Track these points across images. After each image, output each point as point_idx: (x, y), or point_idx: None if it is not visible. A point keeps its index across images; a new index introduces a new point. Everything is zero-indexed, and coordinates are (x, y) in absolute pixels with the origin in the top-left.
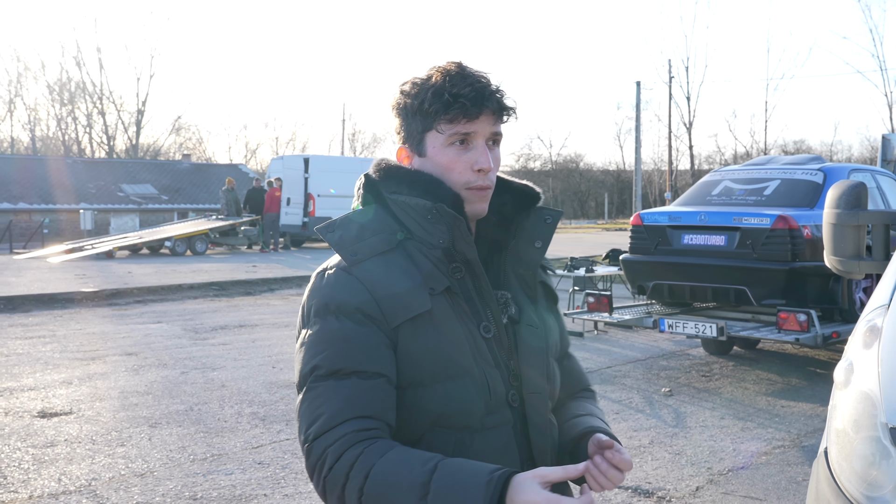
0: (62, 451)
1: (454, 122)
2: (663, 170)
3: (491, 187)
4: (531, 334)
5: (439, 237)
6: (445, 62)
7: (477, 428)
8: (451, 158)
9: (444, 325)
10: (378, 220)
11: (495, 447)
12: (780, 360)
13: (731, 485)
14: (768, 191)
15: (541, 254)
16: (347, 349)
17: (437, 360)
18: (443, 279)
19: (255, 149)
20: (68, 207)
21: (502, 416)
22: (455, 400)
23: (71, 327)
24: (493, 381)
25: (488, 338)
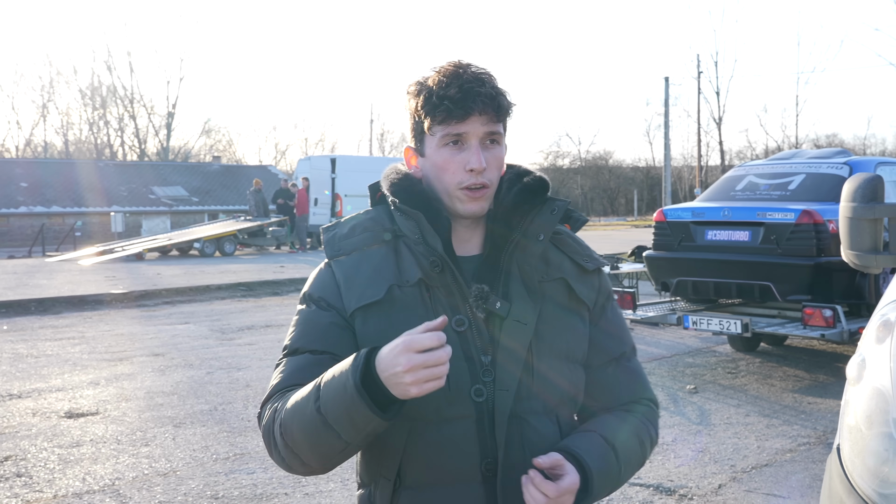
0: (87, 451)
1: (444, 123)
2: (693, 166)
3: (488, 186)
4: (516, 330)
5: (414, 233)
6: (446, 62)
7: (432, 419)
8: (444, 159)
9: (402, 314)
10: (373, 219)
11: (451, 439)
12: (808, 357)
13: (755, 482)
14: (793, 185)
15: (542, 247)
16: (307, 331)
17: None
18: (416, 272)
19: (285, 150)
20: (100, 210)
21: (463, 409)
22: None
23: (100, 328)
24: (455, 373)
25: (460, 331)
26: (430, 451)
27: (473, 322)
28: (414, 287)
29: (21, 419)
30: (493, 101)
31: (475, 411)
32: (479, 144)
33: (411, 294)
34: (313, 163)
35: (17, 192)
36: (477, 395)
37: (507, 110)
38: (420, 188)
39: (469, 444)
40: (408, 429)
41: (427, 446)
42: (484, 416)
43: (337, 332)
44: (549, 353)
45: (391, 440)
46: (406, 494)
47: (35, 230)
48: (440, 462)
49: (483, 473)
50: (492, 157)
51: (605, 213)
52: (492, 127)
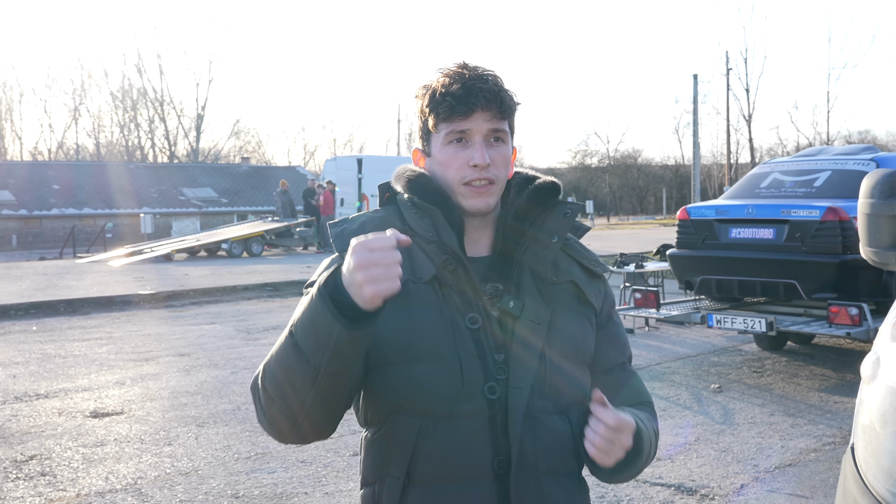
0: (111, 451)
1: (448, 120)
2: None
3: (493, 182)
4: (529, 330)
5: (427, 230)
6: (453, 63)
7: (443, 414)
8: (448, 156)
9: (417, 309)
10: (382, 219)
11: (462, 436)
12: (835, 356)
13: (777, 482)
14: (819, 182)
15: (555, 249)
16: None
17: (404, 338)
18: (430, 269)
19: (314, 151)
20: (130, 212)
21: (475, 406)
22: (419, 381)
23: (127, 329)
24: (469, 369)
25: (473, 328)
26: (441, 447)
27: (487, 320)
28: (427, 284)
29: (47, 419)
30: (496, 97)
31: (488, 409)
32: (482, 141)
33: (425, 291)
34: (340, 163)
35: (49, 194)
36: (490, 393)
37: (512, 109)
38: (436, 185)
39: (481, 442)
40: (419, 425)
41: (438, 443)
42: (497, 413)
43: None
44: (561, 353)
45: (401, 437)
46: (415, 492)
47: (67, 232)
48: (452, 459)
49: (495, 471)
50: (497, 154)
51: (633, 211)
52: (496, 124)
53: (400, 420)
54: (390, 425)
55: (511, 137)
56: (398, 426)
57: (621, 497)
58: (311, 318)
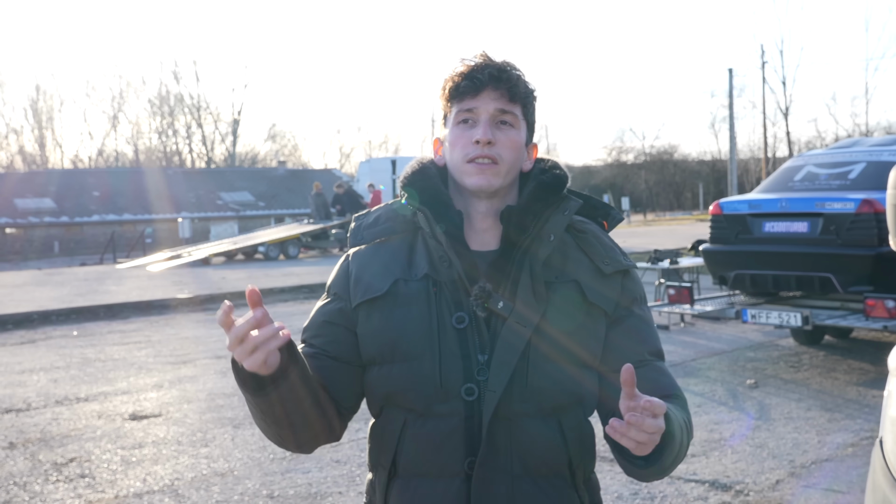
0: (149, 453)
1: (459, 99)
2: (760, 158)
3: (497, 162)
4: (513, 332)
5: (426, 225)
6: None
7: (422, 412)
8: (456, 136)
9: (402, 310)
10: (397, 209)
11: (438, 434)
12: (874, 349)
13: (814, 478)
14: (853, 174)
15: (551, 247)
16: (313, 321)
17: (384, 342)
18: (424, 266)
19: (349, 153)
20: (169, 217)
21: (452, 407)
22: (399, 380)
23: (165, 332)
24: (448, 370)
25: (460, 328)
26: (419, 443)
27: (474, 320)
28: (420, 281)
29: (87, 421)
30: (505, 75)
31: (464, 409)
32: (488, 120)
33: (416, 288)
34: (374, 165)
35: (89, 201)
36: (468, 394)
37: (525, 95)
38: (432, 182)
39: (455, 441)
40: (403, 420)
41: (417, 439)
42: (474, 414)
43: (334, 328)
44: (551, 355)
45: (389, 430)
46: (397, 484)
47: (107, 238)
48: (428, 455)
49: (466, 471)
50: (504, 136)
51: (670, 207)
52: (504, 105)
53: (390, 413)
54: (384, 418)
55: (526, 127)
56: (388, 419)
57: (655, 494)
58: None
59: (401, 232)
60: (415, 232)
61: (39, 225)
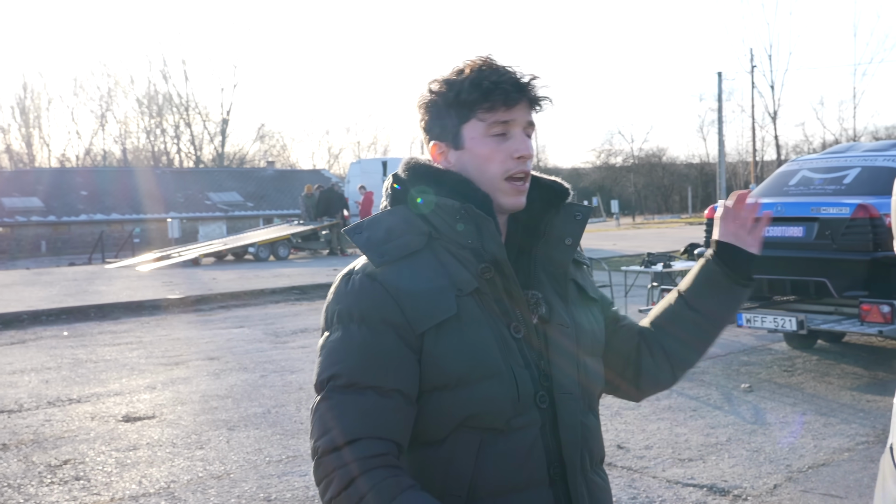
0: (144, 455)
1: (493, 110)
2: (748, 161)
3: (528, 175)
4: (562, 334)
5: (468, 237)
6: (473, 58)
7: (502, 429)
8: (490, 148)
9: (471, 327)
10: (406, 220)
11: (520, 449)
12: (867, 354)
13: (811, 482)
14: (848, 179)
15: (571, 251)
16: (367, 362)
17: (463, 363)
18: (471, 280)
19: (338, 154)
20: (157, 217)
21: (530, 418)
22: (481, 402)
23: (157, 333)
24: (522, 381)
25: (518, 338)
26: (502, 462)
27: (528, 328)
28: (469, 296)
29: (80, 423)
30: (540, 91)
31: (540, 418)
32: (523, 133)
33: (469, 304)
34: (364, 166)
35: (77, 200)
36: (541, 402)
37: (547, 100)
38: (474, 186)
39: (538, 451)
40: (478, 443)
41: (498, 458)
42: (546, 422)
43: (403, 363)
44: (587, 351)
45: (459, 459)
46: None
47: (95, 237)
48: (512, 472)
49: (550, 477)
50: (531, 148)
51: (658, 210)
52: (531, 117)
53: (460, 438)
54: (450, 443)
55: None
56: (458, 444)
57: (653, 498)
58: None
59: (422, 245)
60: (430, 243)
61: (27, 224)
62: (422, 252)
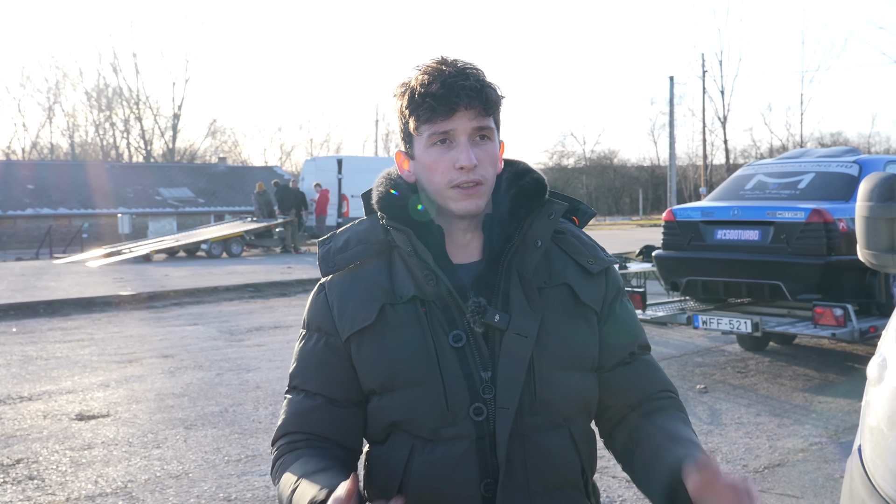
0: (99, 454)
1: (430, 121)
2: (698, 165)
3: (482, 183)
4: (515, 344)
5: (406, 245)
6: (430, 59)
7: (430, 438)
8: (433, 159)
9: (396, 335)
10: (366, 230)
11: (447, 460)
12: (817, 356)
13: (767, 482)
14: (802, 184)
15: (539, 253)
16: (303, 367)
17: (383, 370)
18: (410, 287)
19: (290, 151)
20: (107, 212)
21: (461, 429)
22: (403, 410)
23: (109, 330)
24: (453, 392)
25: (458, 347)
26: (428, 471)
27: (471, 337)
28: (408, 304)
29: (32, 421)
30: (480, 94)
31: (475, 430)
32: (468, 141)
33: (405, 311)
34: (319, 164)
35: (23, 194)
36: (476, 414)
37: (496, 104)
38: (402, 203)
39: (468, 465)
40: (409, 448)
41: (426, 467)
42: (484, 435)
43: (330, 370)
44: (555, 364)
45: (395, 458)
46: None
47: (42, 232)
48: (439, 483)
49: (482, 494)
50: (483, 153)
51: (610, 212)
52: (480, 122)
53: (396, 440)
54: (388, 446)
55: (497, 132)
56: (392, 447)
57: (614, 498)
58: None
59: (375, 254)
60: (388, 252)
61: None
62: (375, 260)
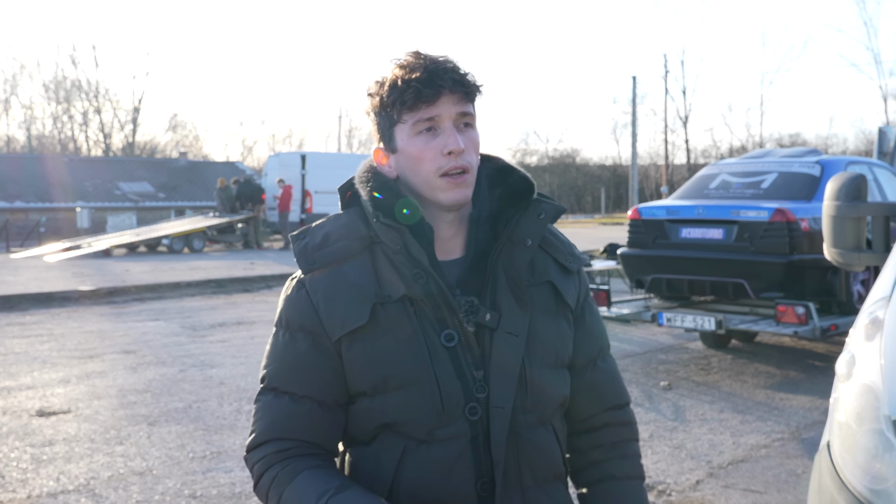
0: (60, 451)
1: (414, 109)
2: (659, 164)
3: (469, 169)
4: (507, 343)
5: (396, 242)
6: (404, 53)
7: (425, 439)
8: (419, 147)
9: (388, 336)
10: (346, 225)
11: (443, 460)
12: (778, 353)
13: (732, 478)
14: (766, 184)
15: (529, 253)
16: (287, 368)
17: (376, 372)
18: (399, 286)
19: (252, 146)
20: (65, 206)
21: (456, 430)
22: (397, 411)
23: (69, 326)
24: (448, 392)
25: (450, 347)
26: (423, 472)
27: (463, 336)
28: (398, 303)
29: None
30: (462, 78)
31: (470, 430)
32: (453, 126)
33: (395, 311)
34: (282, 159)
35: None
36: (471, 414)
37: (477, 89)
38: (396, 190)
39: (464, 464)
40: (401, 449)
41: (420, 467)
42: (479, 434)
43: (319, 371)
44: (542, 362)
45: (385, 458)
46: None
47: None
48: (434, 483)
49: (478, 493)
50: (468, 139)
51: (572, 210)
52: (464, 107)
53: (386, 441)
54: (377, 445)
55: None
56: (382, 448)
57: None
58: None
59: (357, 251)
60: (370, 247)
61: None
62: (358, 257)
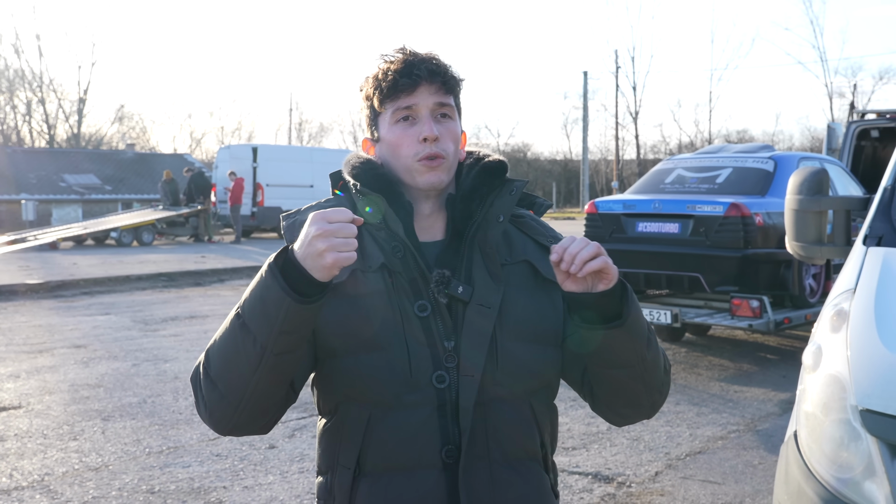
0: (12, 446)
1: (393, 98)
2: (610, 159)
3: (444, 157)
4: (479, 314)
5: (374, 218)
6: (392, 49)
7: (391, 405)
8: (397, 135)
9: (365, 300)
10: (335, 206)
11: (408, 426)
12: (731, 347)
13: (690, 469)
14: (720, 179)
15: (501, 228)
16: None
17: (349, 331)
18: (379, 256)
19: (200, 138)
20: (8, 198)
21: (423, 396)
22: (367, 372)
23: (16, 320)
24: (417, 359)
25: (423, 316)
26: (389, 437)
27: (436, 307)
28: (376, 272)
29: None
30: (440, 68)
31: (437, 398)
32: (430, 115)
33: (374, 279)
34: (233, 152)
35: None
36: (439, 382)
37: (456, 81)
38: (382, 171)
39: (430, 431)
40: (367, 415)
41: (387, 433)
42: (446, 402)
43: None
44: (516, 336)
45: (351, 426)
46: (365, 482)
47: None
48: (400, 449)
49: (443, 461)
50: (445, 129)
51: None
52: (441, 98)
53: (350, 410)
54: (341, 415)
55: (459, 116)
56: (348, 416)
57: None
58: (261, 294)
59: None
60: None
61: None
62: None
